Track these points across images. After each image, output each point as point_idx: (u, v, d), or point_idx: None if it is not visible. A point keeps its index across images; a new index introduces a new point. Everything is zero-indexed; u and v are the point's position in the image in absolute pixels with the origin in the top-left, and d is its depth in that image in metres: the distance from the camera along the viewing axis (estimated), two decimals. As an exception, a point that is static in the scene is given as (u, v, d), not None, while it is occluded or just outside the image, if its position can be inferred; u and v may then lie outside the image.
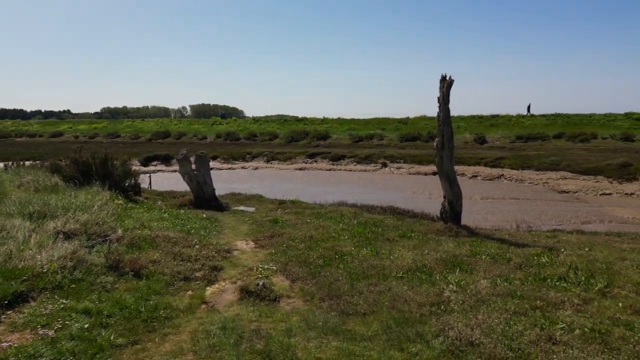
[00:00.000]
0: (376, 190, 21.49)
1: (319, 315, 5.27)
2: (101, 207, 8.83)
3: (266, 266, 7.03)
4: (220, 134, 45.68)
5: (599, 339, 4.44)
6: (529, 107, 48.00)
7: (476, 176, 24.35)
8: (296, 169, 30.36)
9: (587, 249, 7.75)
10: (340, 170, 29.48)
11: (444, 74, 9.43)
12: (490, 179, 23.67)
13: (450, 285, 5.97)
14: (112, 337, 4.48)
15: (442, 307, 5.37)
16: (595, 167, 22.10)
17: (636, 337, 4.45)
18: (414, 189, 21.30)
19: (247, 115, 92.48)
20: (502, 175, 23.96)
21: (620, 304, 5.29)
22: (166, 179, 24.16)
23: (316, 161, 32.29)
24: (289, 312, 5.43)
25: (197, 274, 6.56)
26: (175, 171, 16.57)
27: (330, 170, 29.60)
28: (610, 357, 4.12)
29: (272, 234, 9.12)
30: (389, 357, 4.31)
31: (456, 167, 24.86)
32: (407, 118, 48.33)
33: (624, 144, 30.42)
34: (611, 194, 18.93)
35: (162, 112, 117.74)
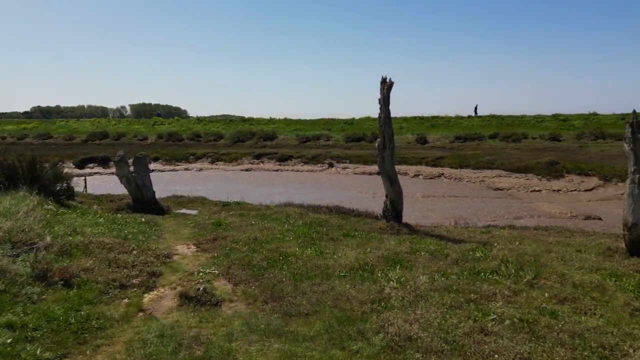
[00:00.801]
0: (323, 190, 21.64)
1: (261, 317, 5.22)
2: (28, 213, 8.24)
3: (208, 270, 6.87)
4: (162, 134, 44.15)
5: (526, 328, 4.72)
6: (475, 109, 50.47)
7: (418, 175, 25.16)
8: (242, 169, 29.96)
9: (517, 243, 8.22)
10: (287, 170, 29.43)
11: (384, 76, 9.67)
12: (431, 178, 24.54)
13: (391, 282, 6.12)
14: (38, 352, 4.19)
15: (383, 304, 5.49)
16: (526, 165, 23.52)
17: (560, 325, 4.77)
18: (359, 189, 21.66)
19: (190, 115, 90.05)
20: (442, 174, 24.91)
21: (546, 294, 5.65)
22: (104, 182, 23.02)
23: (263, 162, 32.03)
24: (231, 316, 5.33)
25: (134, 281, 6.29)
26: (113, 174, 15.82)
27: (277, 170, 29.48)
28: (537, 345, 4.38)
29: (215, 237, 8.92)
30: (331, 356, 4.34)
31: (399, 167, 25.50)
32: (353, 119, 49.14)
33: (552, 144, 32.61)
34: (540, 190, 20.22)
35: (100, 112, 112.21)
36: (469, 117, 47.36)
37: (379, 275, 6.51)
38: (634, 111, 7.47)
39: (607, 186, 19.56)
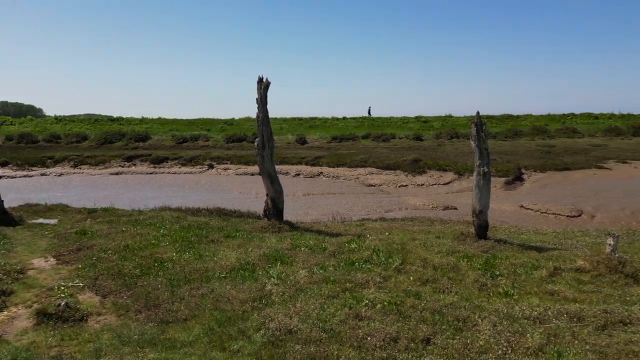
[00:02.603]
0: (203, 192, 20.96)
1: (134, 328, 4.89)
2: None
3: (70, 284, 6.22)
4: (12, 135, 38.57)
5: (395, 310, 5.15)
6: (369, 110, 53.21)
7: (299, 174, 25.75)
8: (111, 173, 27.58)
9: (387, 234, 8.91)
10: (163, 173, 27.87)
11: (260, 75, 9.72)
12: (311, 177, 25.30)
13: (272, 279, 6.20)
14: None
15: (264, 301, 5.53)
16: (395, 163, 25.57)
17: (423, 304, 5.29)
18: (241, 189, 21.45)
19: (47, 114, 79.92)
20: (321, 172, 25.86)
21: (411, 278, 6.23)
22: None
23: (135, 164, 29.89)
24: (99, 330, 4.91)
25: (-24, 303, 5.43)
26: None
27: (151, 173, 27.74)
28: (404, 324, 4.80)
29: (79, 246, 8.11)
30: (211, 358, 4.25)
31: (280, 167, 25.66)
32: (233, 119, 48.43)
33: (416, 143, 35.90)
34: (407, 185, 22.14)
35: None
36: (364, 117, 50.24)
37: (260, 273, 6.54)
38: (478, 113, 8.59)
39: (461, 180, 22.18)
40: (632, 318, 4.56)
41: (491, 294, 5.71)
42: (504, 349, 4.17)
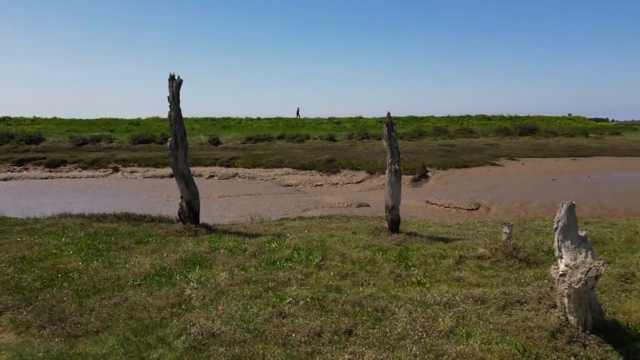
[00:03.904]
0: (108, 197, 19.59)
1: (38, 345, 4.47)
2: None
3: (-45, 303, 5.49)
4: None
5: (317, 305, 5.26)
6: (297, 111, 53.04)
7: (213, 176, 25.11)
8: (-2, 179, 24.70)
9: (306, 232, 9.05)
10: (61, 177, 25.57)
11: (172, 73, 9.34)
12: (226, 178, 24.80)
13: (191, 283, 6.01)
14: None
15: (184, 306, 5.35)
16: (310, 163, 25.98)
17: (344, 298, 5.46)
18: (151, 193, 20.41)
19: None
20: (237, 174, 25.46)
21: (331, 273, 6.40)
22: None
23: (27, 169, 27.09)
24: (-6, 351, 4.40)
25: None
26: None
27: (47, 178, 25.31)
28: (326, 318, 4.92)
29: (-37, 261, 7.16)
30: (129, 370, 4.02)
31: (193, 168, 24.94)
32: (139, 119, 45.87)
33: (329, 143, 36.79)
34: (322, 184, 22.61)
35: None
36: (294, 118, 50.33)
37: (178, 278, 6.30)
38: (389, 113, 9.05)
39: (372, 178, 23.16)
40: (527, 298, 5.12)
41: (406, 284, 6.06)
42: (420, 333, 4.46)
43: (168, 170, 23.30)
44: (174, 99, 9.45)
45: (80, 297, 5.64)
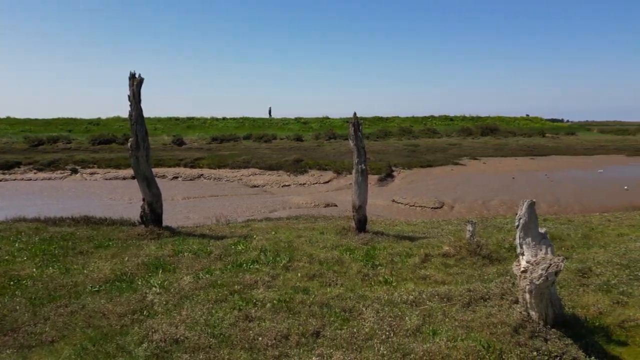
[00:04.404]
0: (66, 200, 18.80)
1: (-14, 359, 4.19)
2: None
3: None
4: None
5: (285, 307, 5.19)
6: (270, 110, 52.46)
7: (177, 177, 24.54)
8: (-56, 182, 23.28)
9: (273, 233, 8.95)
10: (14, 180, 24.34)
11: (132, 71, 9.05)
12: (191, 179, 24.29)
13: (154, 288, 5.81)
14: None
15: (146, 312, 5.16)
16: (277, 163, 25.81)
17: (311, 299, 5.41)
18: (112, 195, 19.73)
19: None
20: (202, 174, 24.98)
21: (299, 274, 6.34)
22: None
23: (-24, 171, 25.61)
24: (-63, 367, 4.10)
25: None
26: None
27: (0, 181, 24.04)
28: (294, 320, 4.86)
29: None
30: (86, 381, 3.83)
31: (157, 169, 24.23)
32: (99, 119, 44.37)
33: (297, 143, 36.68)
34: (290, 185, 22.50)
35: None
36: (266, 118, 49.97)
37: (140, 283, 6.08)
38: (355, 114, 9.08)
39: (339, 178, 23.24)
40: (490, 294, 5.23)
41: (373, 283, 6.08)
42: (387, 333, 4.47)
43: (130, 172, 22.61)
44: (135, 98, 9.15)
45: (34, 306, 5.35)
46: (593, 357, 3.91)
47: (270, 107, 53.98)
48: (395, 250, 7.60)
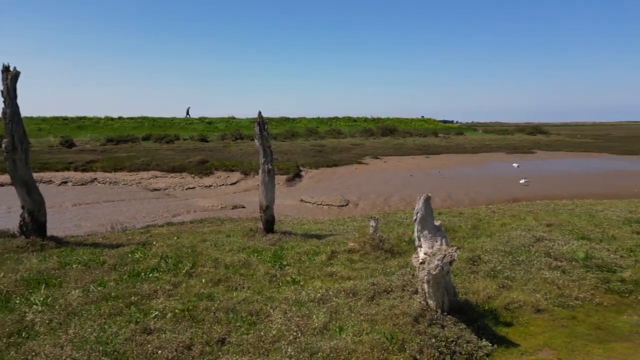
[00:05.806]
0: None
1: None
2: None
3: None
4: None
5: (187, 315, 4.91)
6: (187, 110, 49.09)
7: (66, 182, 22.34)
8: None
9: (175, 238, 8.49)
10: None
11: (6, 64, 8.03)
12: (82, 184, 22.26)
13: (35, 306, 5.16)
14: None
15: (25, 333, 4.56)
16: (180, 165, 24.67)
17: (216, 305, 5.19)
18: (-15, 204, 17.35)
19: None
20: (96, 178, 23.03)
21: (203, 280, 6.06)
22: None
23: None
24: None
25: None
26: None
27: None
28: (197, 329, 4.61)
29: None
30: (-55, 423, 3.26)
31: (43, 174, 22.03)
32: (-32, 117, 38.83)
33: (201, 144, 35.44)
34: (194, 187, 21.63)
35: None
36: (184, 119, 46.95)
37: (18, 301, 5.37)
38: (260, 113, 8.95)
39: (247, 179, 22.88)
40: (392, 286, 5.44)
41: (281, 284, 6.01)
42: (295, 333, 4.43)
43: (7, 177, 20.08)
44: (10, 94, 8.13)
45: None
46: (484, 339, 4.23)
47: (188, 107, 51.39)
48: (302, 249, 7.62)
